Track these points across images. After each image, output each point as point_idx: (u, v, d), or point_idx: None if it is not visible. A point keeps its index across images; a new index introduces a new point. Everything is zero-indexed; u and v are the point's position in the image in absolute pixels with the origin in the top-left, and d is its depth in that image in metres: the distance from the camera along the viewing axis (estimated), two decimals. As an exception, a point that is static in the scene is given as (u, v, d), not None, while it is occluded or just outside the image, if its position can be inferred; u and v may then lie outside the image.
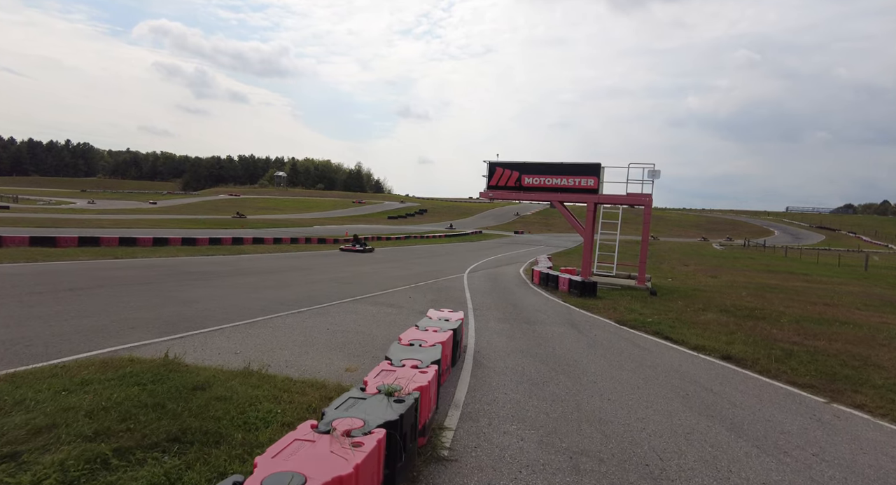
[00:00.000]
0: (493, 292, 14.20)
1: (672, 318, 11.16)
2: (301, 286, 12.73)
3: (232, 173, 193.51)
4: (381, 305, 10.78)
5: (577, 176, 17.29)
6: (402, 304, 11.09)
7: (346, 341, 7.27)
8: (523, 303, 12.53)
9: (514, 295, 13.94)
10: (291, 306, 9.76)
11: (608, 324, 10.31)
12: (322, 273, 16.07)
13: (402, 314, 9.76)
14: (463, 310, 10.75)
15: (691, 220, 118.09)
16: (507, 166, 18.12)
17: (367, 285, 13.77)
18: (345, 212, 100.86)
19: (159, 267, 14.49)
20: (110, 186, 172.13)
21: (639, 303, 13.24)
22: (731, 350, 8.08)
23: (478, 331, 8.81)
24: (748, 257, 44.94)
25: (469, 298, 12.79)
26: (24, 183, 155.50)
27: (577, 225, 17.88)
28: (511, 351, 7.47)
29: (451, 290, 14.09)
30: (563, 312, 11.42)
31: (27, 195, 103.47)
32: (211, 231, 34.52)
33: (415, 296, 12.45)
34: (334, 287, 12.96)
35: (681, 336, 9.08)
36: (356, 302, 10.90)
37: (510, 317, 10.39)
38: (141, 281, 11.70)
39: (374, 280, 15.18)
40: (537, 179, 17.72)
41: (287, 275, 14.96)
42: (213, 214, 75.41)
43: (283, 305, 9.90)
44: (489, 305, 11.88)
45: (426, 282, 15.52)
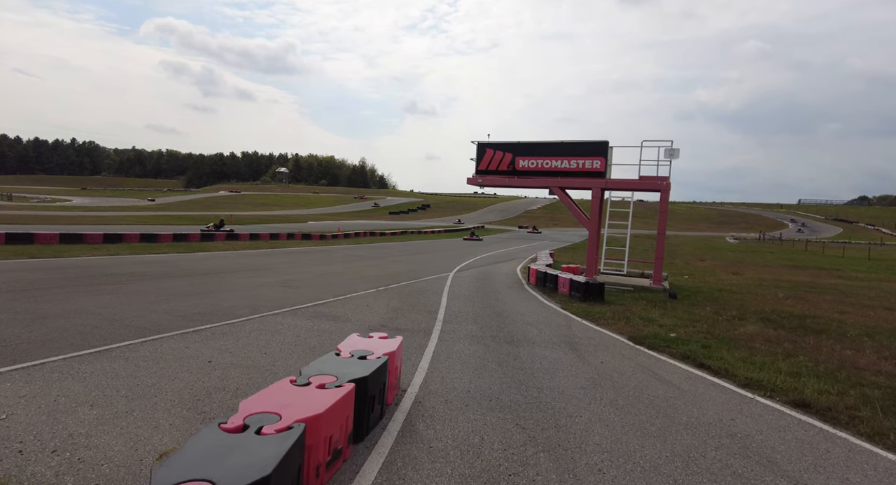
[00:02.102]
0: (478, 297, 11.65)
1: (703, 331, 8.56)
2: (236, 292, 10.25)
3: (235, 170, 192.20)
4: (320, 317, 8.27)
5: (580, 157, 14.65)
6: (350, 316, 8.57)
7: (212, 389, 4.75)
8: (511, 311, 9.98)
9: (503, 300, 11.38)
10: (194, 322, 7.28)
11: (619, 342, 7.74)
12: (278, 274, 13.59)
13: (338, 333, 7.24)
14: (433, 321, 8.25)
15: (701, 213, 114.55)
16: (498, 147, 15.51)
17: (321, 289, 11.28)
18: (346, 208, 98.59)
19: (72, 268, 12.07)
20: (113, 183, 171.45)
21: (657, 309, 10.63)
22: (803, 391, 5.48)
23: (437, 357, 6.27)
24: (767, 251, 42.01)
25: (444, 305, 10.25)
26: (28, 181, 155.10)
27: (580, 215, 15.25)
28: (474, 398, 4.92)
29: (425, 294, 11.55)
30: (560, 325, 8.85)
31: (24, 193, 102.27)
32: (190, 227, 32.25)
33: (374, 303, 9.93)
34: (277, 292, 10.47)
35: (721, 363, 6.49)
36: (290, 314, 8.39)
37: (489, 333, 7.84)
38: (9, 288, 9.27)
39: (338, 282, 12.68)
40: (534, 162, 15.10)
41: (231, 277, 12.50)
42: (212, 210, 73.35)
43: (184, 319, 7.41)
44: (467, 315, 9.34)
45: (400, 284, 13.00)
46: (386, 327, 7.79)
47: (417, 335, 7.39)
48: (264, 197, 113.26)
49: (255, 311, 8.41)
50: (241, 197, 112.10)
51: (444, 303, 10.46)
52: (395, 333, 7.46)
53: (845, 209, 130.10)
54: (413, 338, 7.19)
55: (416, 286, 12.76)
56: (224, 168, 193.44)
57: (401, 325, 8.07)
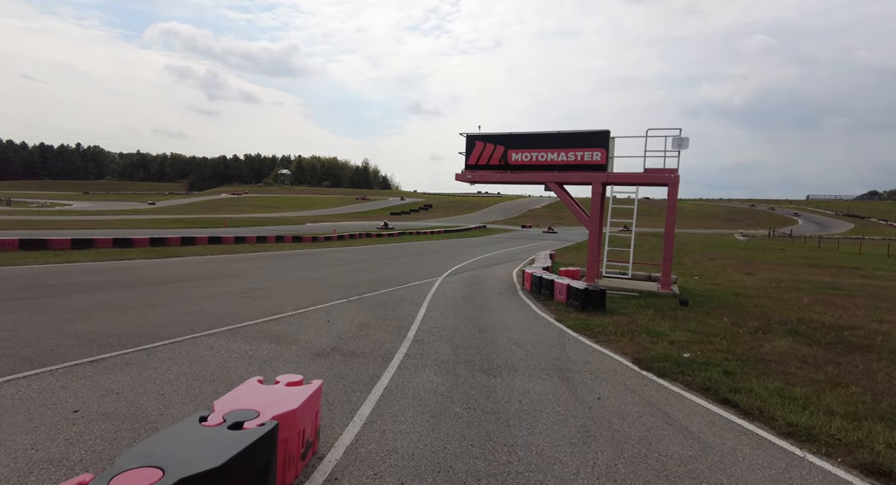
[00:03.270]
0: (462, 306, 10.27)
1: (722, 350, 7.15)
2: (181, 305, 8.94)
3: (238, 173, 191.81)
4: (264, 339, 6.93)
5: (579, 149, 13.24)
6: (301, 335, 7.22)
7: (43, 462, 3.41)
8: (497, 325, 8.59)
9: (490, 311, 9.99)
10: (100, 348, 5.95)
11: (621, 367, 6.34)
12: (244, 282, 12.28)
13: (275, 362, 5.90)
14: (399, 341, 6.89)
15: (708, 210, 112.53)
16: (489, 139, 14.13)
17: (285, 300, 9.94)
18: (347, 209, 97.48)
19: (4, 279, 10.80)
20: (117, 187, 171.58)
21: (666, 320, 9.22)
22: (873, 445, 4.06)
23: (386, 398, 4.91)
24: (778, 249, 40.36)
25: (420, 318, 8.88)
26: (33, 186, 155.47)
27: (579, 213, 13.84)
28: (417, 470, 3.56)
29: (402, 304, 10.19)
30: (552, 343, 7.46)
31: (27, 198, 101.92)
32: (181, 230, 31.08)
33: (338, 318, 8.58)
34: (230, 305, 9.14)
35: (752, 398, 5.08)
36: (229, 334, 7.05)
37: (464, 358, 6.47)
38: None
39: (308, 291, 11.35)
40: (528, 155, 13.70)
41: (187, 286, 11.18)
42: (212, 213, 72.40)
43: (89, 345, 6.09)
44: (443, 331, 7.96)
45: (379, 291, 11.65)
46: (338, 351, 6.44)
47: (373, 363, 6.03)
48: (266, 199, 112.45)
49: (190, 330, 7.08)
50: (242, 199, 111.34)
51: (420, 315, 9.10)
52: (349, 357, 6.16)
53: (856, 204, 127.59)
54: (366, 367, 5.83)
55: (397, 294, 11.40)
56: (227, 171, 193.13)
57: (358, 347, 6.71)
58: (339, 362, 5.93)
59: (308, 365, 5.76)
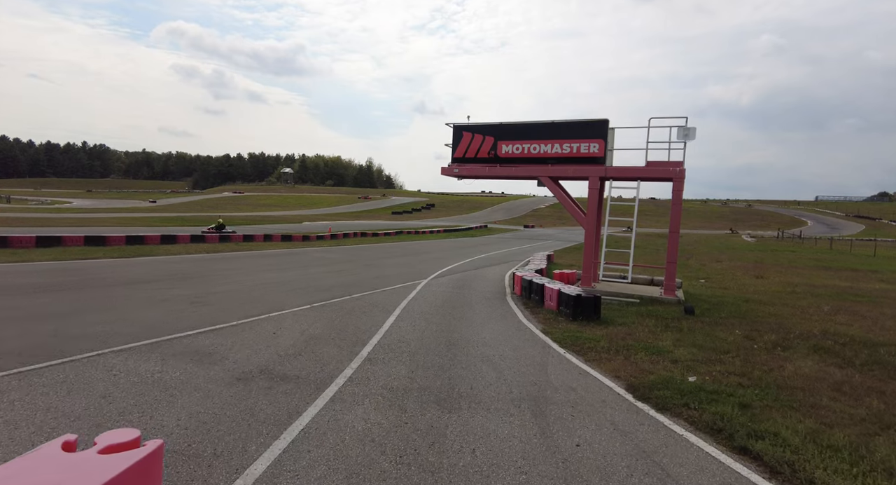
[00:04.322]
0: (438, 315, 9.10)
1: (735, 372, 5.95)
2: (112, 312, 7.83)
3: (241, 171, 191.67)
4: (184, 356, 5.79)
5: (574, 140, 12.05)
6: (233, 352, 6.08)
7: None
8: (472, 339, 7.42)
9: (469, 320, 8.82)
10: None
11: (612, 396, 5.16)
12: (202, 285, 11.17)
13: (182, 388, 4.76)
14: (348, 360, 5.75)
15: (715, 211, 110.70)
16: (477, 130, 12.95)
17: (237, 306, 8.82)
18: (349, 208, 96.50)
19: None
20: (120, 185, 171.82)
21: (669, 333, 8.02)
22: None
23: (302, 442, 3.75)
24: (788, 250, 38.89)
25: (385, 329, 7.73)
26: (38, 184, 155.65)
27: (575, 211, 12.65)
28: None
29: (371, 311, 9.04)
30: (532, 362, 6.28)
31: (29, 196, 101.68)
32: (168, 229, 30.11)
33: (288, 329, 7.44)
34: (170, 313, 8.02)
35: (779, 447, 3.89)
36: (146, 350, 5.92)
37: (419, 384, 5.31)
38: None
39: (270, 295, 10.22)
40: (519, 147, 12.52)
41: (136, 289, 10.08)
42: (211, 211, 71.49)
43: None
44: (406, 346, 6.80)
45: (350, 296, 10.50)
46: (266, 374, 5.29)
47: (302, 390, 4.88)
48: (267, 198, 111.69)
49: (102, 344, 5.96)
50: (243, 198, 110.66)
51: (386, 326, 7.94)
52: (276, 383, 5.00)
53: (866, 206, 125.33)
54: (290, 397, 4.68)
55: (370, 299, 10.25)
56: (230, 169, 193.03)
57: (294, 368, 5.57)
58: (259, 391, 4.78)
59: (218, 394, 4.62)
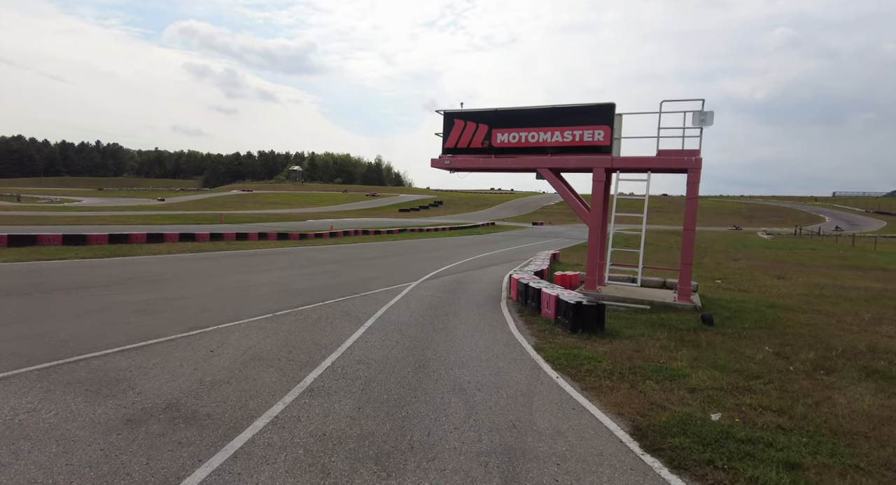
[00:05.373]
0: (417, 325, 7.92)
1: (772, 406, 4.70)
2: (26, 326, 6.77)
3: (251, 169, 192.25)
4: (85, 384, 4.66)
5: (577, 127, 10.77)
6: (145, 378, 4.94)
7: None
8: (449, 358, 6.23)
9: (452, 333, 7.63)
10: None
11: (612, 445, 3.94)
12: (160, 289, 10.10)
13: (41, 438, 3.64)
14: (284, 390, 4.58)
15: (729, 207, 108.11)
16: (470, 117, 11.73)
17: (187, 315, 7.71)
18: (356, 205, 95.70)
19: None
20: (132, 184, 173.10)
21: (685, 349, 6.77)
22: None
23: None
24: (808, 248, 37.10)
25: (349, 344, 6.56)
26: (52, 183, 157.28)
27: (578, 206, 11.39)
28: None
29: (339, 321, 7.88)
30: (514, 392, 5.08)
31: (40, 195, 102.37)
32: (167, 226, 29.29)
33: (231, 345, 6.30)
34: (103, 324, 6.93)
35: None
36: (38, 375, 4.81)
37: (363, 428, 4.14)
38: None
39: (230, 301, 9.11)
40: (516, 135, 11.27)
41: (89, 293, 9.03)
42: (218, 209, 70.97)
43: None
44: (366, 368, 5.63)
45: (323, 302, 9.35)
46: (170, 411, 4.15)
47: (204, 438, 3.73)
48: (275, 195, 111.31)
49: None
50: (251, 196, 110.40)
51: (351, 340, 6.78)
52: (174, 427, 3.77)
53: (886, 201, 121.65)
54: (183, 451, 3.52)
55: (343, 306, 9.10)
56: (240, 168, 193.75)
57: (209, 403, 4.42)
58: (146, 440, 3.64)
59: (84, 446, 3.48)
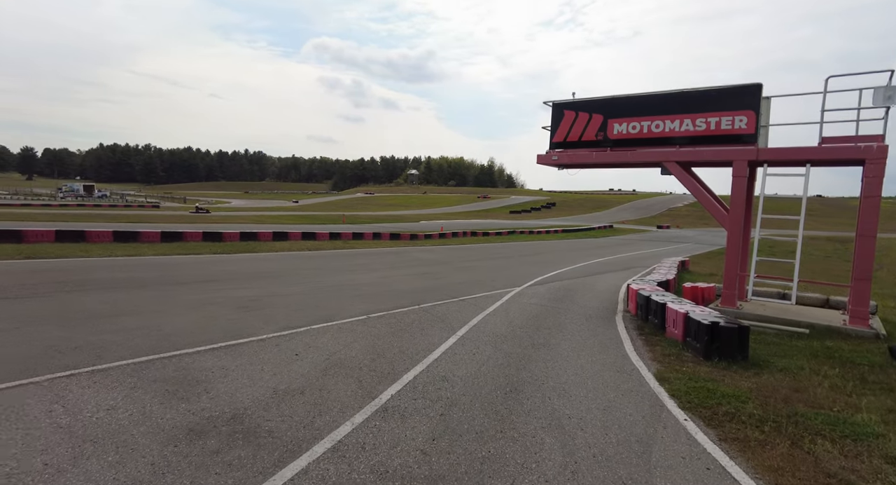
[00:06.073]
0: (514, 338, 7.09)
1: None
2: (134, 319, 7.16)
3: (374, 173, 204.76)
4: (162, 385, 4.60)
5: (713, 113, 9.14)
6: (221, 382, 4.76)
7: None
8: (548, 382, 5.33)
9: (554, 349, 6.68)
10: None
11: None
12: (269, 285, 10.42)
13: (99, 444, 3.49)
14: (357, 408, 4.15)
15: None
16: (582, 107, 10.59)
17: (284, 314, 7.71)
18: (467, 207, 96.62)
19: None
20: (272, 187, 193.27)
21: (870, 394, 5.12)
22: None
23: None
24: None
25: (435, 356, 5.95)
26: (211, 187, 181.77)
27: (713, 207, 9.70)
28: None
29: (430, 328, 7.33)
30: (628, 439, 4.05)
31: (198, 197, 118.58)
32: (302, 226, 31.77)
33: (317, 349, 6.02)
34: (203, 319, 7.12)
35: None
36: (129, 371, 4.86)
37: (434, 469, 3.46)
38: None
39: (330, 300, 9.05)
40: (637, 125, 9.90)
41: (205, 288, 9.57)
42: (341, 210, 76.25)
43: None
44: (449, 388, 4.97)
45: (419, 305, 8.91)
46: (234, 424, 3.84)
47: (256, 463, 3.32)
48: (394, 198, 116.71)
49: (93, 359, 5.07)
50: (373, 198, 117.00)
51: (439, 351, 6.17)
52: (241, 441, 3.47)
53: None
54: (228, 477, 3.14)
55: (437, 312, 8.57)
56: (364, 172, 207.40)
57: (278, 416, 4.06)
58: (198, 457, 3.33)
59: (139, 458, 3.25)
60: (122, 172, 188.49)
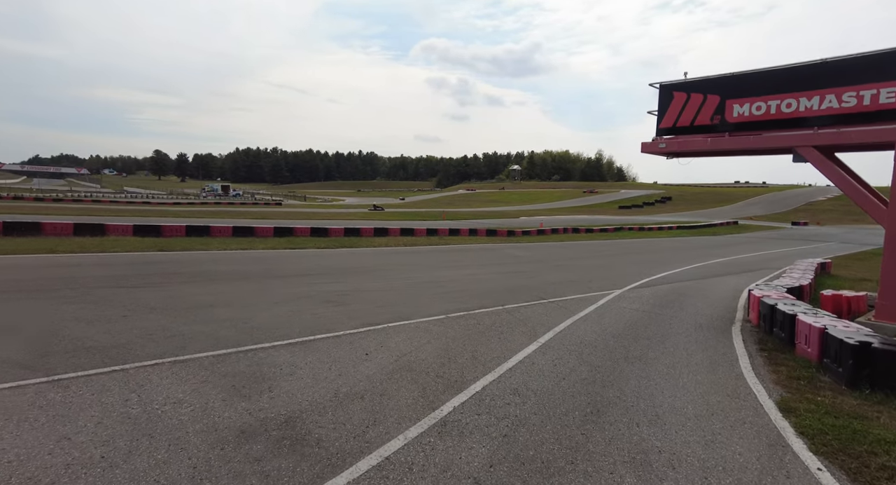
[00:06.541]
0: (605, 349, 6.33)
1: None
2: (226, 311, 7.52)
3: (476, 170, 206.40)
4: (229, 379, 4.66)
5: (863, 85, 7.47)
6: (287, 381, 4.70)
7: None
8: (639, 405, 4.58)
9: (651, 364, 5.84)
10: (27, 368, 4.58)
11: None
12: (359, 280, 10.56)
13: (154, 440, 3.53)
14: (424, 414, 3.88)
15: None
16: (696, 87, 9.31)
17: (366, 310, 7.67)
18: (571, 202, 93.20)
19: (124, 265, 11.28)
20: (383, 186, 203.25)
21: None
22: None
23: None
24: None
25: (510, 365, 5.45)
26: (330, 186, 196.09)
27: (865, 199, 7.97)
28: None
29: (511, 332, 6.81)
30: (735, 484, 3.26)
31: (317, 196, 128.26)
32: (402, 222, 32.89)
33: (389, 349, 5.82)
34: (287, 314, 7.30)
35: None
36: (206, 364, 5.02)
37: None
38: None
39: (413, 297, 8.91)
40: (762, 105, 8.45)
41: (298, 282, 9.95)
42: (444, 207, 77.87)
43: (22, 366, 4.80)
44: (521, 403, 4.46)
45: (502, 306, 8.43)
46: (285, 428, 3.71)
47: (295, 477, 3.12)
48: (495, 194, 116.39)
49: (177, 350, 5.34)
50: (474, 195, 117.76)
51: (515, 359, 5.66)
52: (287, 450, 3.39)
53: None
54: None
55: (521, 314, 8.02)
56: (467, 169, 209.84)
57: (331, 422, 3.86)
58: (237, 465, 3.21)
59: (184, 459, 3.22)
60: (254, 172, 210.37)
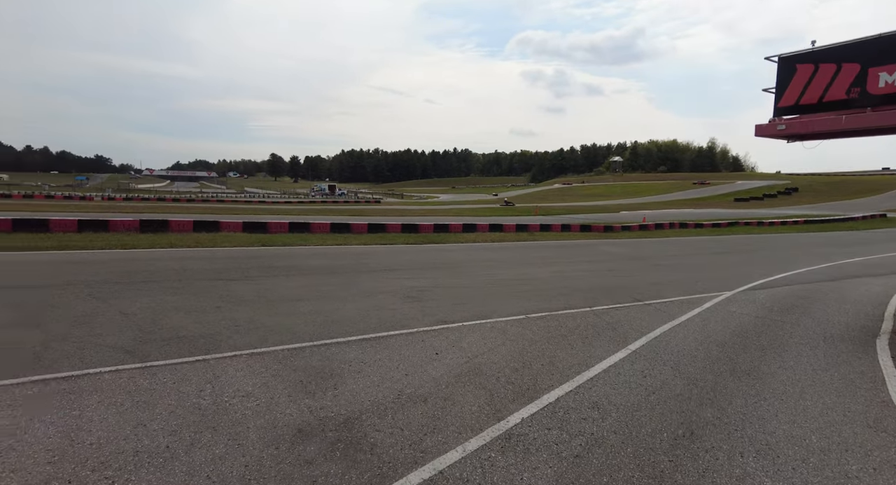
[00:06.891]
0: (706, 361, 5.51)
1: None
2: (311, 304, 7.69)
3: (573, 164, 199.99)
4: (302, 374, 4.67)
5: None
6: (354, 378, 4.60)
7: None
8: (745, 434, 3.85)
9: (763, 381, 4.96)
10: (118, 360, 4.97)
11: None
12: (437, 276, 10.41)
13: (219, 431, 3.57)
14: (488, 424, 3.66)
15: None
16: (826, 57, 7.90)
17: (445, 307, 7.48)
18: (680, 195, 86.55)
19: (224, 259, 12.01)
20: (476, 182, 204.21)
21: None
22: None
23: None
24: None
25: (591, 375, 4.91)
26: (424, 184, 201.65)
27: None
28: None
29: (598, 337, 6.20)
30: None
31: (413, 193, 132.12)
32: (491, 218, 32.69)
33: (461, 349, 5.53)
34: (371, 308, 7.31)
35: None
36: (281, 357, 5.10)
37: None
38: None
39: (493, 295, 8.56)
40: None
41: (379, 277, 10.06)
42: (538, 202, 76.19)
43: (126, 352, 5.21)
44: (600, 419, 3.94)
45: (590, 308, 7.78)
46: (341, 430, 3.59)
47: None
48: (594, 188, 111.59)
49: (258, 342, 5.52)
50: (571, 189, 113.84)
51: (598, 368, 5.10)
52: (340, 454, 3.80)
53: None
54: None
55: (610, 317, 7.33)
56: (563, 162, 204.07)
57: (389, 427, 3.68)
58: (285, 468, 3.12)
59: (239, 456, 3.20)
60: (358, 173, 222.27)
